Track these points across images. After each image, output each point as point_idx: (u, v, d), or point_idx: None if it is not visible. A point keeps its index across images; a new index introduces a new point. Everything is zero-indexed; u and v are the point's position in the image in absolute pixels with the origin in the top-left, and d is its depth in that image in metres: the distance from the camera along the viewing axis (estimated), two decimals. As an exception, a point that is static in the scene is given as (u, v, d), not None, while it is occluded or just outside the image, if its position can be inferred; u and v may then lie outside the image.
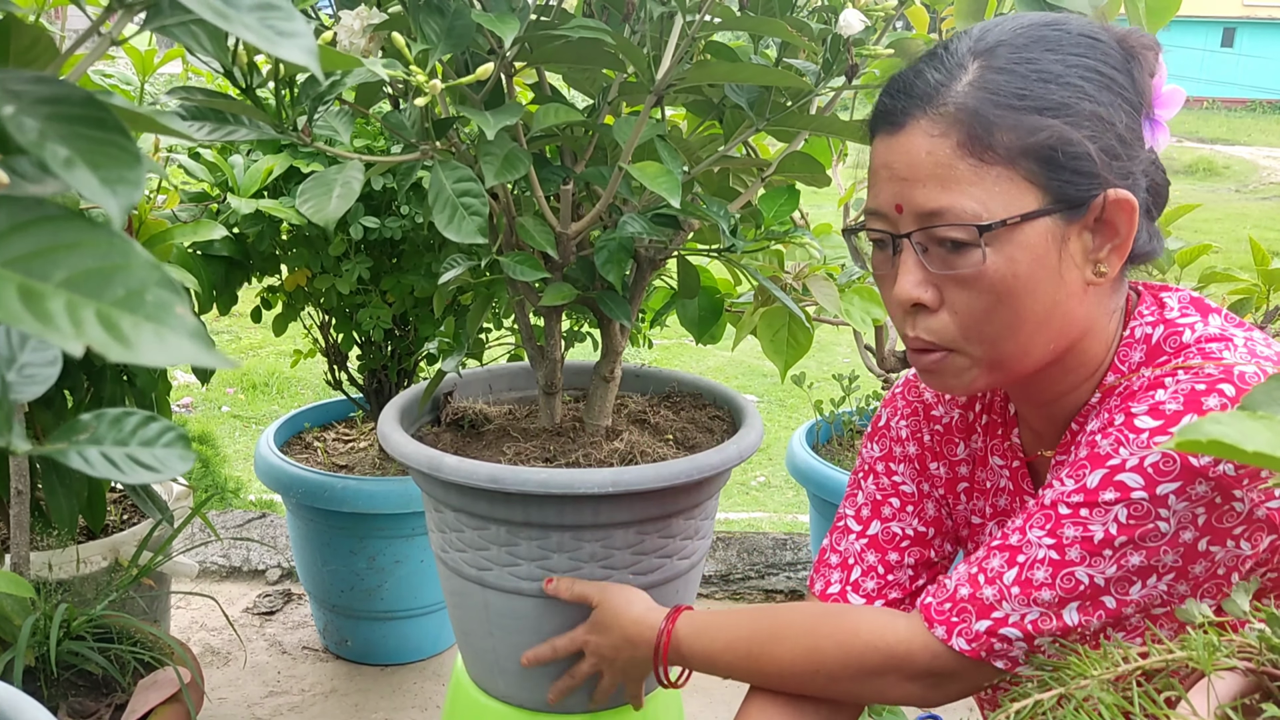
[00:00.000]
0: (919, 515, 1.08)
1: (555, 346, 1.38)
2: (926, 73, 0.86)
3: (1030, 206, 0.83)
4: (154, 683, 1.38)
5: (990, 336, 0.86)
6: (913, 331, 0.89)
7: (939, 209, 0.83)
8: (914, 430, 1.09)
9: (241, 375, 4.12)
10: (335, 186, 0.97)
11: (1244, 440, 0.50)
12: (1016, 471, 1.02)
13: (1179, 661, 0.74)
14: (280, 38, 0.48)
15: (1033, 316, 0.85)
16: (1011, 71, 0.83)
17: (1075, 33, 0.85)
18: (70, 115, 0.46)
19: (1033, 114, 0.82)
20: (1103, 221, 0.85)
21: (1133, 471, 0.81)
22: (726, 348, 4.65)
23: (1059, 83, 0.83)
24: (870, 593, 1.05)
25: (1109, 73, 0.84)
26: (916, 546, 1.07)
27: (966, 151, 0.83)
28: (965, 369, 0.89)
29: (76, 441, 0.57)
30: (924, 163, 0.84)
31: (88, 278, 0.42)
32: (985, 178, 0.82)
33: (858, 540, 1.07)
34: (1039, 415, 0.98)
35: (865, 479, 1.10)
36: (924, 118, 0.84)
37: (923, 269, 0.86)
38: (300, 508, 1.94)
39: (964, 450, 1.07)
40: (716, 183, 1.44)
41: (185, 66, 1.61)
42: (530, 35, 1.10)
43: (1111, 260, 0.86)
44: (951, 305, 0.86)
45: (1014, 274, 0.83)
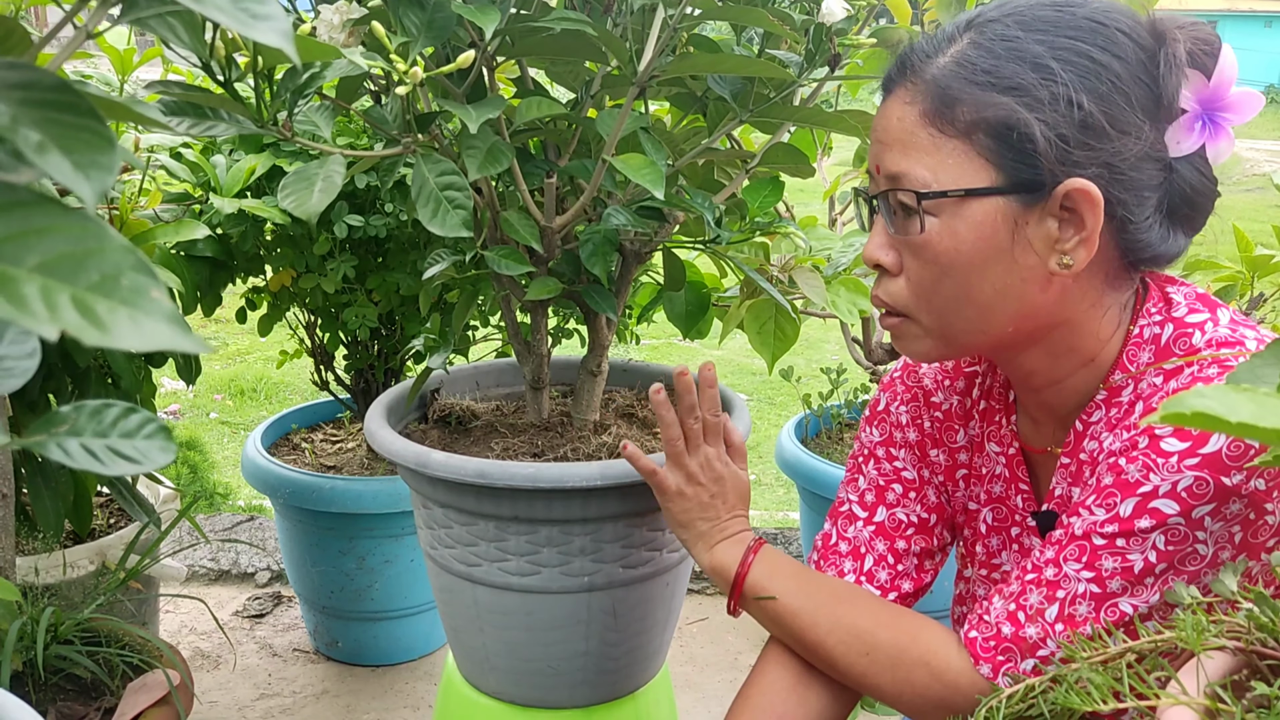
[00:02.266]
0: (921, 502, 1.07)
1: (541, 341, 1.38)
2: (921, 43, 0.88)
3: (980, 183, 0.83)
4: (143, 685, 1.37)
5: (938, 308, 0.88)
6: (874, 290, 0.92)
7: (898, 173, 0.86)
8: (914, 416, 1.08)
9: (229, 381, 4.10)
10: (317, 181, 0.97)
11: (1229, 412, 0.50)
12: (1012, 459, 1.01)
13: (1168, 643, 0.74)
14: (254, 20, 0.48)
15: (980, 294, 0.86)
16: (988, 49, 0.83)
17: (1083, 15, 0.84)
18: (42, 100, 0.46)
19: (991, 90, 0.82)
20: (1069, 210, 0.83)
21: (1167, 497, 0.80)
22: (715, 346, 4.65)
23: (1031, 64, 0.82)
24: (884, 584, 1.05)
25: (1102, 59, 0.82)
26: (920, 535, 1.07)
27: (929, 121, 0.84)
28: (919, 336, 0.91)
29: (55, 433, 0.56)
30: (894, 128, 0.87)
31: (62, 262, 0.42)
32: (942, 149, 0.84)
33: (865, 527, 1.07)
34: (1035, 403, 0.97)
35: (866, 464, 1.09)
36: (902, 86, 0.87)
37: (885, 232, 0.89)
38: (289, 509, 1.93)
39: (963, 437, 1.07)
40: (701, 176, 1.44)
41: (165, 67, 1.60)
42: (511, 28, 1.10)
43: (1078, 252, 0.84)
44: (908, 272, 0.89)
45: (957, 248, 0.84)
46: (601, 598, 1.27)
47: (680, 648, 2.16)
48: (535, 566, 1.24)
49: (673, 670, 1.89)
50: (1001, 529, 1.03)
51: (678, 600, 1.40)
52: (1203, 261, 1.93)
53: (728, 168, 1.43)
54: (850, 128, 1.27)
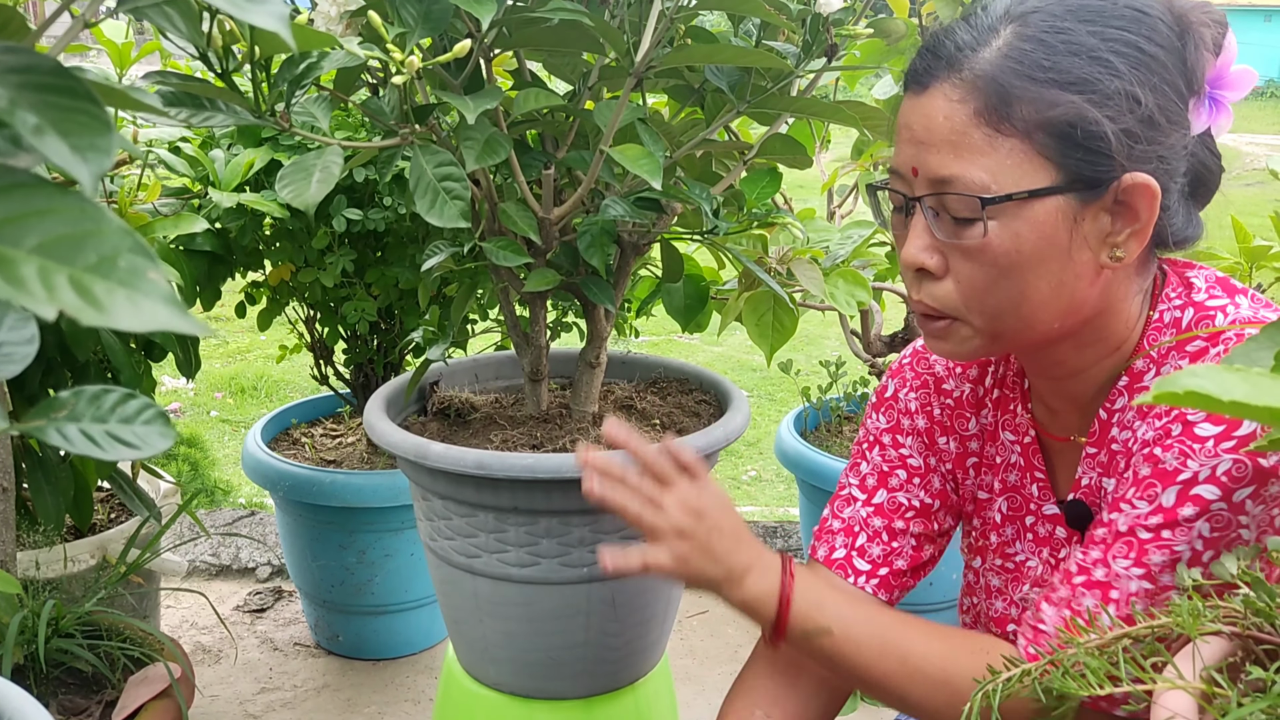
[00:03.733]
0: (925, 488, 1.06)
1: (540, 333, 1.38)
2: (958, 33, 0.84)
3: (1041, 183, 0.80)
4: (144, 679, 1.37)
5: (992, 309, 0.85)
6: (917, 295, 0.88)
7: (949, 176, 0.82)
8: (924, 403, 1.07)
9: (230, 379, 4.11)
10: (315, 171, 0.97)
11: (1222, 392, 0.51)
12: (1028, 447, 1.00)
13: (1164, 628, 0.74)
14: (250, 4, 0.48)
15: (1037, 294, 0.84)
16: (1041, 41, 0.80)
17: (1123, 4, 0.82)
18: (40, 84, 0.46)
19: (1054, 88, 0.79)
20: (1122, 204, 0.82)
21: (1207, 483, 0.79)
22: (715, 342, 4.66)
23: (1088, 57, 0.79)
24: (876, 559, 1.04)
25: (1150, 50, 0.81)
26: (921, 518, 1.05)
27: (983, 120, 0.81)
28: (968, 337, 0.88)
29: (55, 419, 0.56)
30: (940, 127, 0.82)
31: (60, 243, 0.42)
32: (999, 149, 0.80)
33: (863, 508, 1.06)
34: (1054, 391, 0.96)
35: (870, 450, 1.08)
36: (946, 81, 0.82)
37: (930, 235, 0.85)
38: (289, 503, 1.93)
39: (974, 425, 1.05)
40: (699, 167, 1.44)
41: (164, 60, 1.60)
42: (508, 19, 1.10)
43: (1130, 245, 0.83)
44: (956, 274, 0.85)
45: (1018, 249, 0.82)
46: (601, 588, 1.28)
47: (680, 640, 2.17)
48: (535, 557, 1.24)
49: (673, 663, 1.89)
50: (1016, 518, 1.02)
51: (677, 591, 1.41)
52: (1201, 253, 1.93)
53: (725, 159, 1.43)
54: (848, 118, 1.27)
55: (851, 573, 1.03)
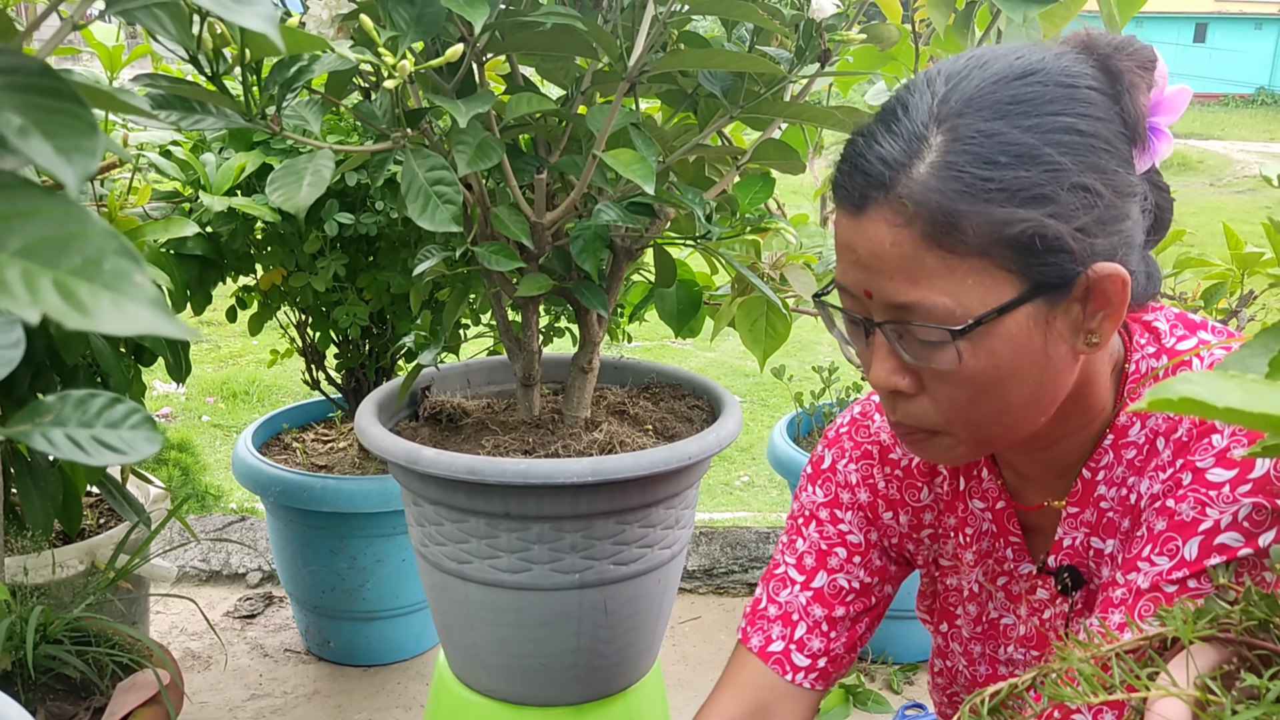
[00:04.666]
0: (865, 566, 1.01)
1: (532, 338, 1.38)
2: (884, 143, 0.77)
3: (1007, 297, 0.76)
4: (133, 685, 1.36)
5: (975, 422, 0.82)
6: (894, 416, 0.85)
7: (908, 304, 0.77)
8: (865, 475, 1.01)
9: (222, 384, 4.09)
10: (306, 175, 0.96)
11: (1216, 398, 0.50)
12: (1001, 514, 0.96)
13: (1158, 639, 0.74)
14: (238, 5, 0.48)
15: (1019, 400, 0.80)
16: (975, 152, 0.74)
17: (1051, 83, 0.77)
18: (25, 85, 0.46)
19: (1003, 204, 0.74)
20: (1093, 291, 0.77)
21: (1230, 530, 0.76)
22: (709, 348, 4.65)
23: (1032, 161, 0.74)
24: (815, 653, 1.00)
25: (1090, 129, 0.76)
26: (861, 598, 1.01)
27: (933, 244, 0.75)
28: (953, 446, 0.84)
29: (40, 423, 0.56)
30: (889, 254, 0.76)
31: (44, 246, 0.42)
32: (956, 270, 0.75)
33: (801, 593, 1.01)
34: (1029, 461, 0.92)
35: (807, 525, 1.03)
36: (884, 206, 0.76)
37: (897, 357, 0.81)
38: (280, 509, 1.92)
39: (928, 495, 1.00)
40: (692, 173, 1.44)
41: (155, 64, 1.59)
42: (501, 22, 1.10)
43: (1104, 328, 0.79)
44: (933, 393, 0.81)
45: (994, 366, 0.78)
46: (593, 594, 1.27)
47: (673, 646, 2.16)
48: (526, 563, 1.24)
49: (665, 669, 1.89)
50: (991, 581, 1.00)
51: (669, 598, 1.40)
52: (1193, 259, 1.94)
53: (718, 164, 1.43)
54: (840, 124, 1.27)
55: (790, 669, 1.00)
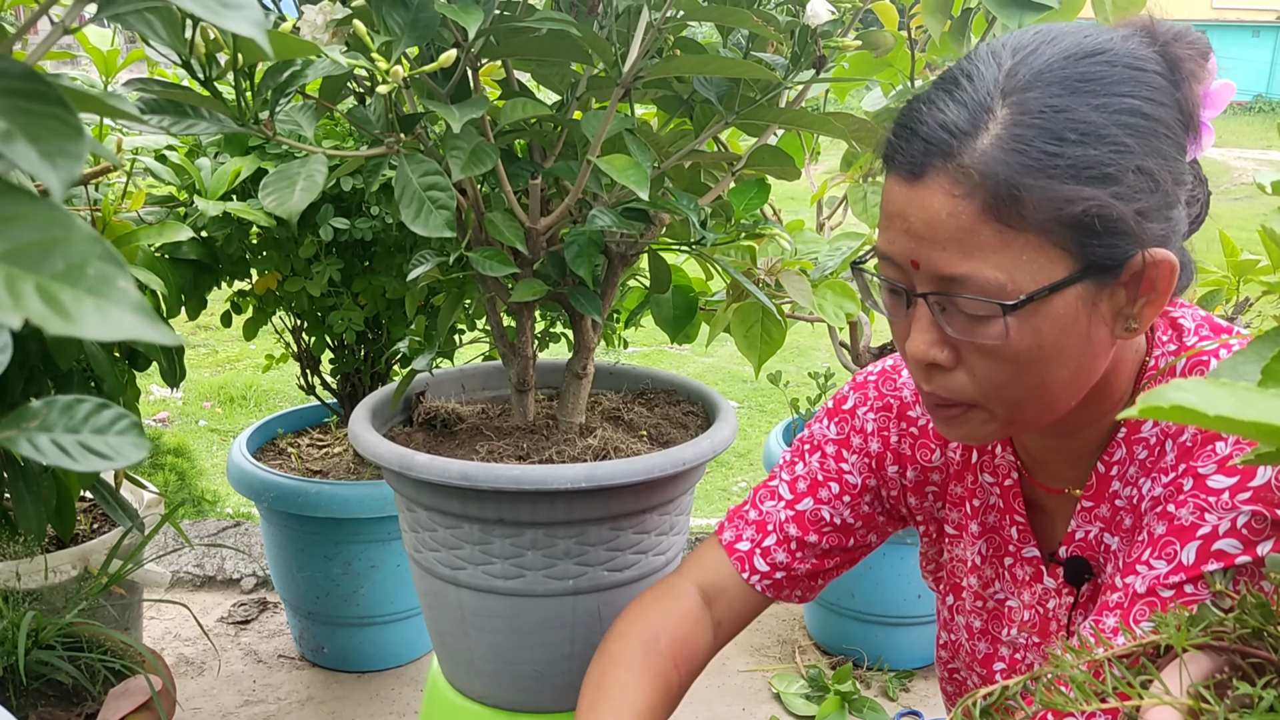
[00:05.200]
0: (853, 508, 1.04)
1: (527, 344, 1.38)
2: (948, 110, 0.76)
3: (1059, 275, 0.75)
4: (124, 691, 1.36)
5: (1012, 399, 0.81)
6: (928, 386, 0.84)
7: (959, 276, 0.76)
8: (881, 427, 1.03)
9: (218, 389, 4.09)
10: (299, 180, 0.96)
11: (1207, 406, 0.50)
12: (1009, 490, 0.97)
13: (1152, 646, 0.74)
14: (226, 10, 0.48)
15: (1057, 381, 0.80)
16: (1044, 128, 0.74)
17: (1120, 64, 0.76)
18: (10, 89, 0.46)
19: (1068, 181, 0.73)
20: (1140, 277, 0.77)
21: (1228, 536, 0.76)
22: (705, 353, 4.65)
23: (1098, 139, 0.74)
24: (776, 564, 1.04)
25: (1155, 114, 0.76)
26: (838, 534, 1.04)
27: (992, 216, 0.74)
28: (985, 422, 0.84)
29: (26, 429, 0.55)
30: (945, 224, 0.75)
31: (27, 251, 0.41)
32: (1012, 245, 0.74)
33: (785, 509, 1.04)
34: (1046, 446, 0.93)
35: (810, 454, 1.06)
36: (944, 174, 0.75)
37: (938, 329, 0.80)
38: (274, 514, 1.92)
39: (939, 458, 1.02)
40: (687, 178, 1.44)
41: (150, 68, 1.59)
42: (496, 28, 1.09)
43: (1145, 314, 0.79)
44: (970, 368, 0.81)
45: (1039, 345, 0.77)
46: (587, 601, 1.27)
47: (668, 653, 2.16)
48: (520, 569, 1.23)
49: (660, 676, 1.88)
50: (995, 559, 1.00)
51: (664, 604, 1.40)
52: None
53: (714, 170, 1.43)
54: (836, 130, 1.27)
55: (748, 569, 1.05)
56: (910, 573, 1.99)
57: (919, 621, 2.05)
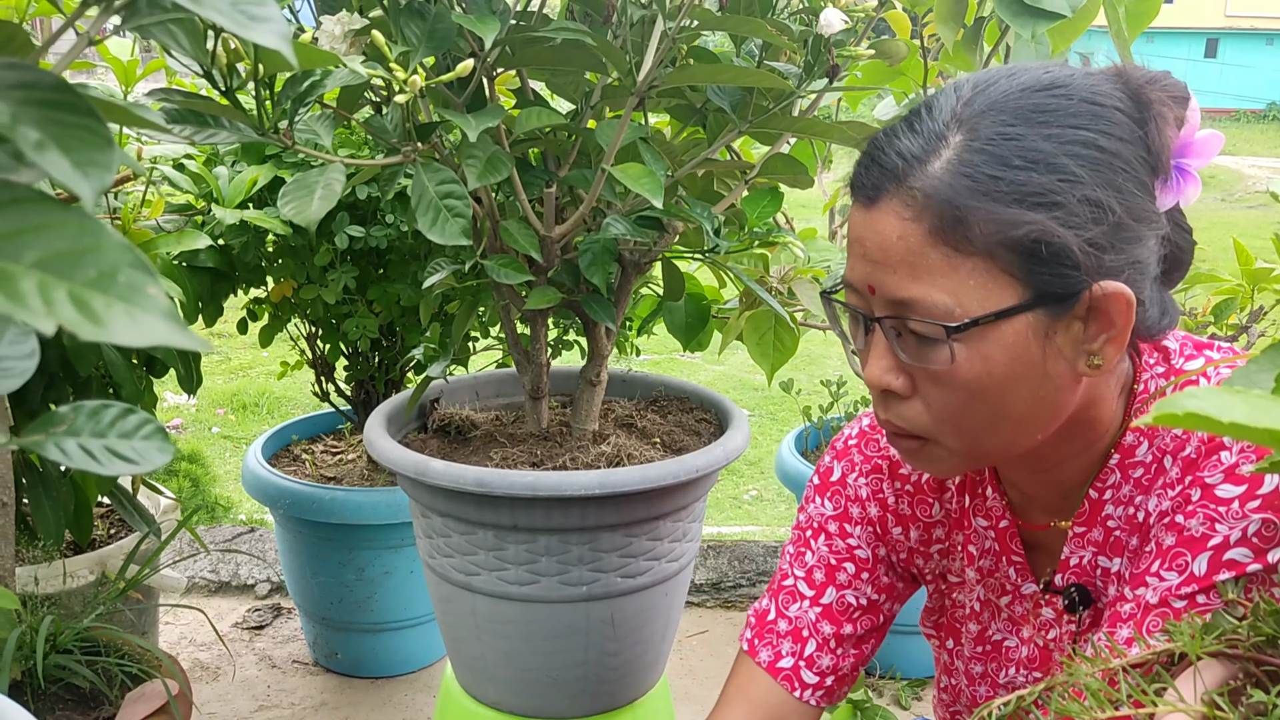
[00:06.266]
0: (873, 583, 1.01)
1: (540, 351, 1.38)
2: (902, 141, 0.78)
3: (1008, 302, 0.76)
4: (141, 695, 1.37)
5: (968, 431, 0.81)
6: (884, 414, 0.84)
7: (908, 299, 0.77)
8: (875, 490, 1.00)
9: (232, 396, 4.11)
10: (317, 188, 0.97)
11: (1221, 413, 0.51)
12: (1004, 532, 0.96)
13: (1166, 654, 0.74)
14: (252, 22, 0.48)
15: (1013, 412, 0.80)
16: (992, 153, 0.75)
17: (1077, 98, 0.77)
18: (42, 100, 0.46)
19: (1011, 205, 0.74)
20: (1096, 310, 0.77)
21: (1239, 546, 0.76)
22: (717, 361, 4.65)
23: (1046, 167, 0.74)
24: (824, 670, 0.99)
25: (1111, 147, 0.76)
26: (868, 615, 1.01)
27: (939, 239, 0.75)
28: (944, 457, 0.84)
29: (53, 433, 0.56)
30: (895, 247, 0.77)
31: (60, 258, 0.42)
32: (959, 269, 0.75)
33: (811, 608, 1.00)
34: (1033, 481, 0.92)
35: (815, 539, 1.02)
36: (895, 198, 0.77)
37: (893, 355, 0.81)
38: (289, 520, 1.93)
39: (939, 510, 1.00)
40: (700, 187, 1.44)
41: (170, 78, 1.61)
42: (511, 38, 1.10)
43: (1107, 351, 0.78)
44: (925, 396, 0.81)
45: (988, 372, 0.77)
46: (600, 607, 1.27)
47: (680, 660, 2.16)
48: (534, 576, 1.24)
49: (672, 683, 1.89)
50: (994, 601, 1.00)
51: (676, 610, 1.40)
52: (1203, 275, 1.93)
53: (727, 179, 1.44)
54: (849, 139, 1.28)
55: (799, 686, 1.00)
56: (923, 581, 1.99)
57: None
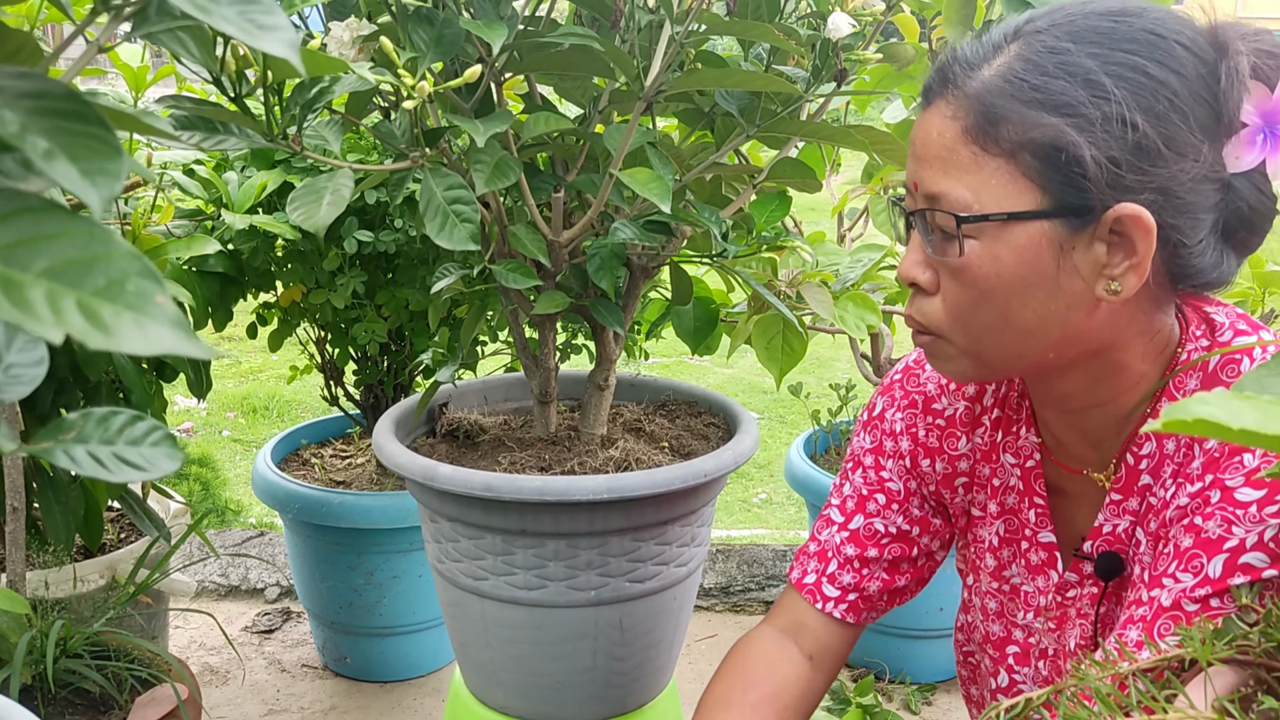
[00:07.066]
0: (903, 513, 1.05)
1: (549, 355, 1.38)
2: (965, 50, 0.83)
3: (1024, 206, 0.79)
4: (151, 699, 1.37)
5: (975, 331, 0.84)
6: (909, 310, 0.88)
7: (937, 193, 0.81)
8: (909, 424, 1.05)
9: (241, 399, 4.12)
10: (325, 194, 0.97)
11: (1231, 419, 0.50)
12: (1029, 473, 0.98)
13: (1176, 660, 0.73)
14: (261, 30, 0.49)
15: (1020, 320, 0.82)
16: (1035, 63, 0.78)
17: (1139, 27, 0.78)
18: (51, 109, 0.47)
19: (1038, 109, 0.77)
20: (1119, 235, 0.78)
21: (1255, 550, 0.76)
22: (726, 364, 4.65)
23: (1082, 81, 0.77)
24: (846, 586, 1.05)
25: (1160, 75, 0.77)
26: (897, 543, 1.05)
27: (971, 138, 0.80)
28: (953, 357, 0.87)
29: (62, 440, 0.56)
30: (934, 143, 0.82)
31: (68, 267, 0.42)
32: (985, 167, 0.79)
33: (838, 533, 1.06)
34: (1065, 424, 0.93)
35: (854, 471, 1.08)
36: (943, 99, 0.82)
37: (923, 250, 0.85)
38: (298, 524, 1.93)
39: (965, 444, 1.03)
40: (709, 191, 1.44)
41: (179, 84, 1.61)
42: (519, 43, 1.11)
43: (1127, 279, 0.79)
44: (945, 292, 0.85)
45: (996, 273, 0.80)
46: (609, 612, 1.27)
47: (689, 664, 2.16)
48: (542, 580, 1.24)
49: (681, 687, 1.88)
50: (1012, 542, 1.01)
51: (685, 615, 1.40)
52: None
53: (735, 183, 1.44)
54: (857, 143, 1.28)
55: (820, 599, 1.05)
56: (933, 586, 1.98)
57: (941, 634, 2.04)
